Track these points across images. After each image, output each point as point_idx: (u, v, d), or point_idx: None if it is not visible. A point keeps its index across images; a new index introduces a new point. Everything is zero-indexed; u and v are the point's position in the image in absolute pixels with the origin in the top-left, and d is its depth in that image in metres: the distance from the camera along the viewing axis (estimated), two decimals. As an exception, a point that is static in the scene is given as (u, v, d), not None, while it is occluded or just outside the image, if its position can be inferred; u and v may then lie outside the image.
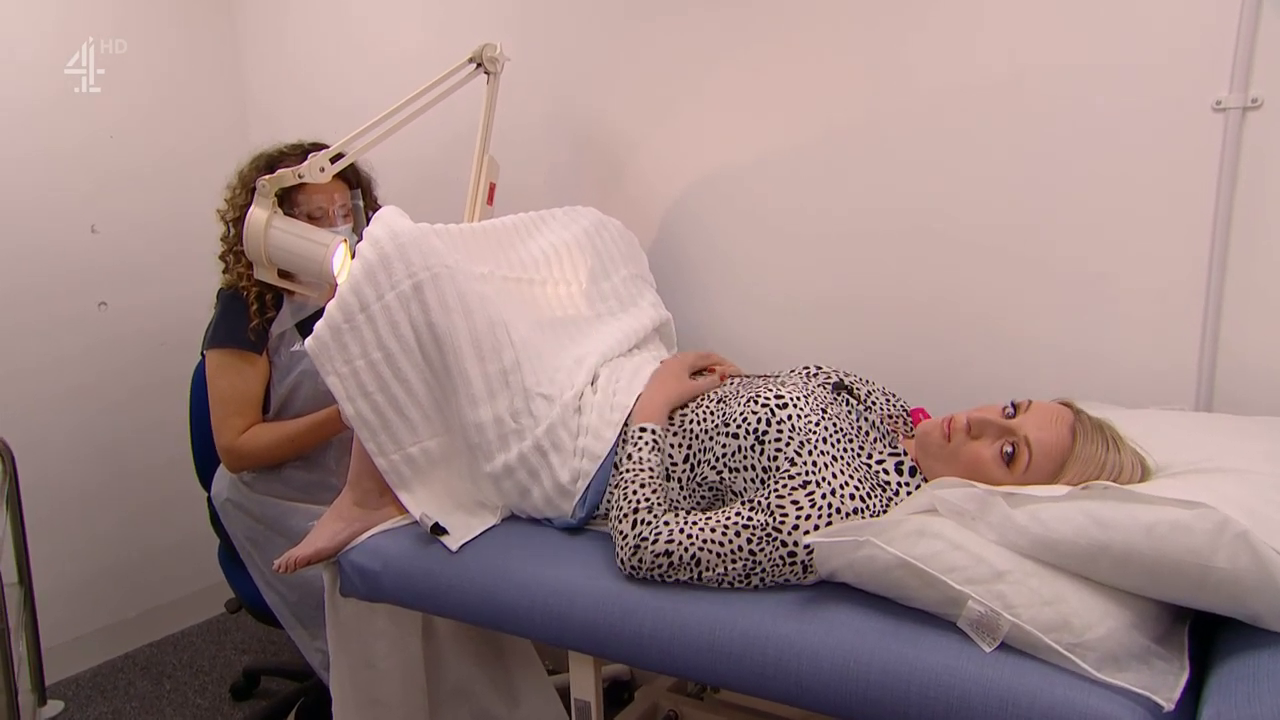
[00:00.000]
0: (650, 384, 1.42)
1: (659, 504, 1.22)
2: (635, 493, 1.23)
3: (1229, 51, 1.36)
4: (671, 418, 1.37)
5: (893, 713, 1.00)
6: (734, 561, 1.15)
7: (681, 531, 1.17)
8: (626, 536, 1.20)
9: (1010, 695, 0.94)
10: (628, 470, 1.27)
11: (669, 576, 1.18)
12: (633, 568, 1.19)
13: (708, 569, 1.16)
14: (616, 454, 1.34)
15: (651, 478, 1.26)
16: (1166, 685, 0.91)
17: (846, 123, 1.71)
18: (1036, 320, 1.58)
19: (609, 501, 1.30)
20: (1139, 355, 1.51)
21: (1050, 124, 1.52)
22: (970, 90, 1.58)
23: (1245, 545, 0.89)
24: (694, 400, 1.39)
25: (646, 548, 1.18)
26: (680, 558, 1.16)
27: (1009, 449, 1.11)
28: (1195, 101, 1.40)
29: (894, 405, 1.48)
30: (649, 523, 1.19)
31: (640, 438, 1.31)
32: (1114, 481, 1.08)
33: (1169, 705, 0.88)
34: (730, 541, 1.15)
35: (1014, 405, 1.16)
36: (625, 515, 1.21)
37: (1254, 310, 1.41)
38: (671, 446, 1.33)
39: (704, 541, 1.16)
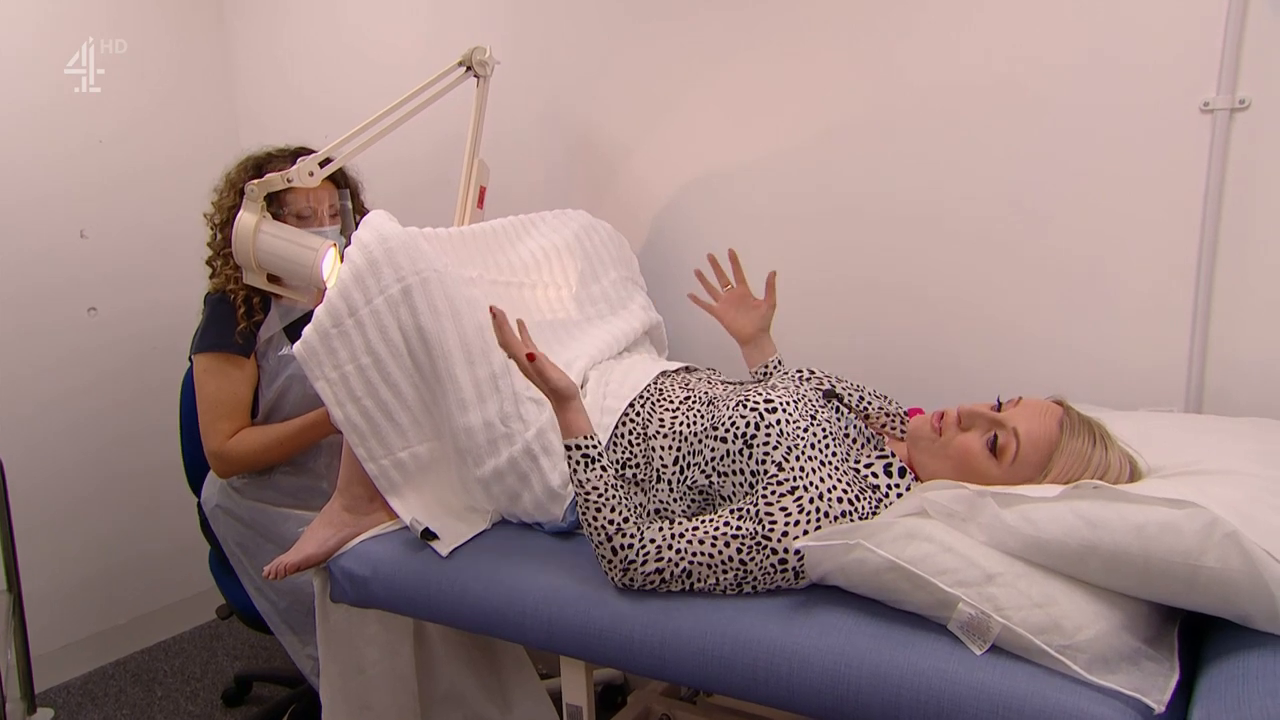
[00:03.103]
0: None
1: (625, 520, 1.18)
2: (595, 518, 1.18)
3: (1216, 53, 1.36)
4: (663, 420, 1.35)
5: (883, 716, 1.00)
6: (725, 572, 1.14)
7: (670, 548, 1.16)
8: (611, 562, 1.18)
9: (1001, 698, 0.94)
10: (580, 497, 1.20)
11: (662, 589, 1.17)
12: (625, 585, 1.19)
13: (699, 580, 1.15)
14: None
15: (602, 498, 1.18)
16: (1157, 687, 0.91)
17: (838, 125, 1.71)
18: (1027, 319, 1.59)
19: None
20: (1129, 353, 1.51)
21: (1039, 124, 1.52)
22: (960, 91, 1.58)
23: (1235, 545, 0.89)
24: (684, 401, 1.38)
25: (636, 569, 1.17)
26: (672, 573, 1.16)
27: (998, 438, 1.11)
28: (1183, 103, 1.40)
29: (886, 406, 1.48)
30: (630, 545, 1.17)
31: (570, 458, 1.21)
32: (1101, 480, 1.08)
33: (1159, 707, 0.88)
34: (720, 552, 1.14)
35: (1005, 401, 1.16)
36: (601, 544, 1.18)
37: (1243, 309, 1.42)
38: (662, 449, 1.32)
39: (694, 555, 1.15)
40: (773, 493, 1.15)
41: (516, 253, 1.63)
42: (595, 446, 1.22)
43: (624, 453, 1.34)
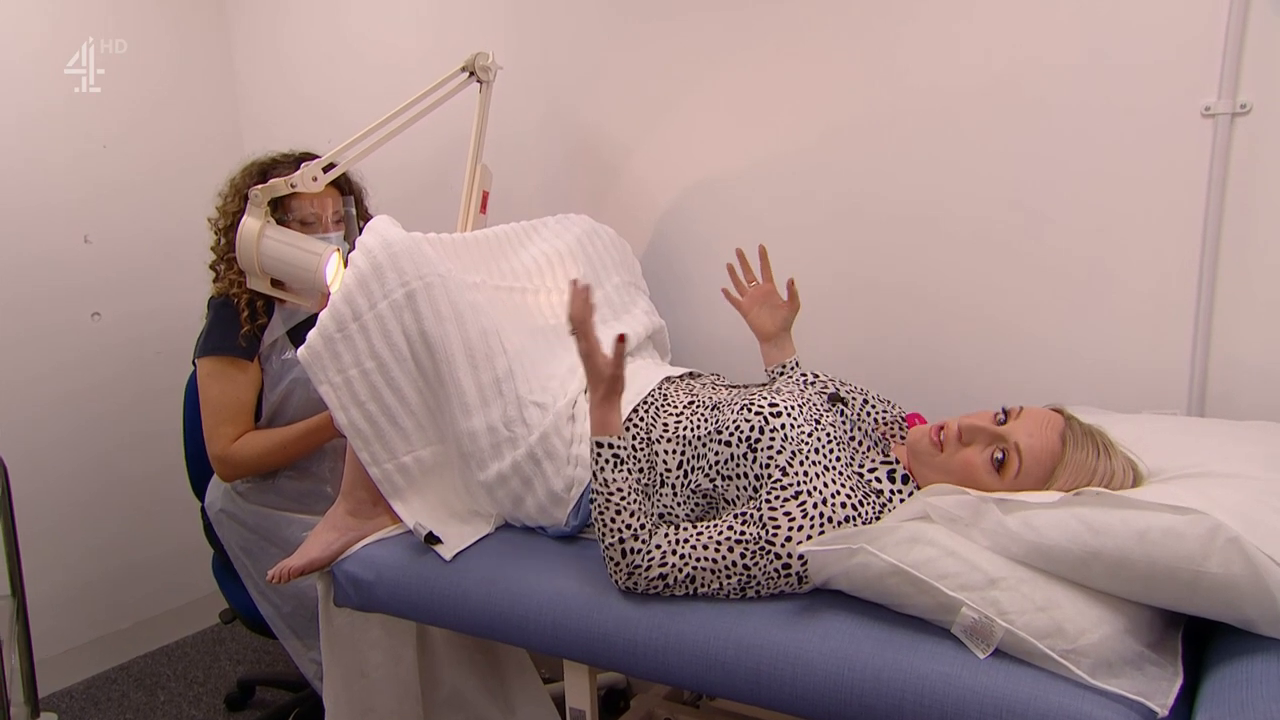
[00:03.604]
0: (589, 386, 1.26)
1: (641, 527, 1.19)
2: (613, 520, 1.20)
3: (1217, 57, 1.37)
4: (667, 425, 1.36)
5: (887, 720, 1.00)
6: (729, 577, 1.15)
7: (675, 553, 1.16)
8: (619, 564, 1.19)
9: (1004, 702, 0.94)
10: (599, 494, 1.22)
11: (665, 594, 1.18)
12: (628, 589, 1.19)
13: (703, 585, 1.16)
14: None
15: (624, 500, 1.20)
16: (1160, 691, 0.91)
17: (840, 127, 1.72)
18: (1029, 321, 1.59)
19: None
20: (1131, 356, 1.51)
21: (1041, 127, 1.52)
22: (962, 93, 1.58)
23: (1237, 550, 0.89)
24: (688, 406, 1.38)
25: (641, 574, 1.17)
26: (675, 579, 1.16)
27: (999, 455, 1.11)
28: (1184, 107, 1.41)
29: (890, 411, 1.48)
30: (638, 550, 1.18)
31: (599, 455, 1.23)
32: (1105, 487, 1.08)
33: (1163, 711, 0.88)
34: (724, 558, 1.15)
35: (1005, 412, 1.16)
36: (611, 545, 1.19)
37: (1245, 313, 1.42)
38: (665, 453, 1.32)
39: (698, 560, 1.15)
40: (776, 497, 1.15)
41: (519, 258, 1.64)
42: (626, 448, 1.23)
43: (627, 457, 1.34)
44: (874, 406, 1.42)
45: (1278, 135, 1.36)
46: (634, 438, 1.34)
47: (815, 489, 1.15)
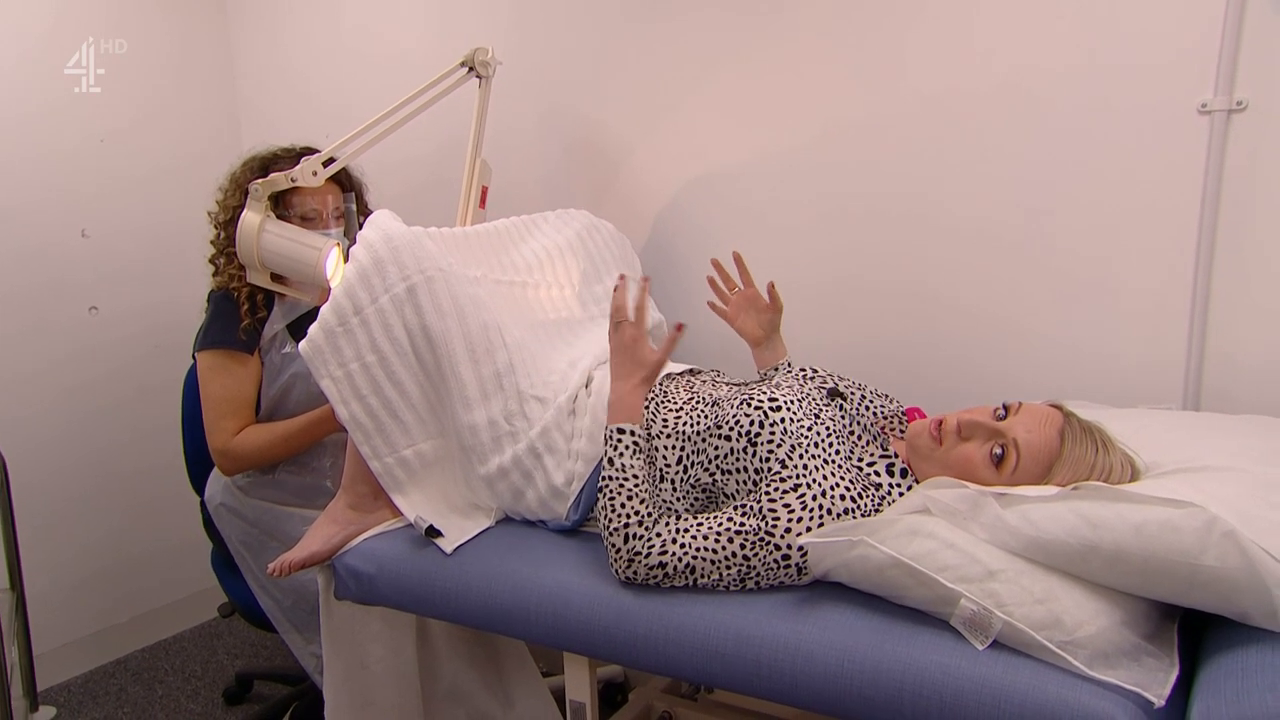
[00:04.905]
0: (615, 373, 1.31)
1: (648, 515, 1.20)
2: (623, 506, 1.21)
3: (1214, 55, 1.38)
4: (667, 420, 1.36)
5: (886, 711, 1.01)
6: (729, 568, 1.15)
7: (675, 542, 1.17)
8: (620, 550, 1.20)
9: (1003, 693, 0.94)
10: (612, 479, 1.23)
11: (665, 584, 1.18)
12: (628, 578, 1.20)
13: (703, 576, 1.16)
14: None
15: (636, 486, 1.22)
16: (1157, 682, 0.92)
17: (840, 125, 1.72)
18: (1026, 317, 1.60)
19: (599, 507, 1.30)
20: (1128, 351, 1.52)
21: (1039, 126, 1.53)
22: (960, 94, 1.59)
23: (1233, 544, 0.90)
24: (688, 402, 1.39)
25: (640, 561, 1.18)
26: (675, 568, 1.17)
27: (998, 451, 1.12)
28: (1181, 104, 1.42)
29: (888, 406, 1.49)
30: (640, 536, 1.19)
31: (620, 441, 1.25)
32: (1104, 482, 1.09)
33: (1159, 702, 0.89)
34: (724, 548, 1.15)
35: (1005, 407, 1.16)
36: (616, 530, 1.20)
37: (1241, 308, 1.43)
38: (665, 448, 1.33)
39: (698, 550, 1.16)
40: (776, 490, 1.16)
41: (519, 252, 1.64)
42: (645, 438, 1.26)
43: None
44: (872, 401, 1.42)
45: (1274, 132, 1.37)
46: (631, 434, 1.35)
47: (814, 481, 1.16)
